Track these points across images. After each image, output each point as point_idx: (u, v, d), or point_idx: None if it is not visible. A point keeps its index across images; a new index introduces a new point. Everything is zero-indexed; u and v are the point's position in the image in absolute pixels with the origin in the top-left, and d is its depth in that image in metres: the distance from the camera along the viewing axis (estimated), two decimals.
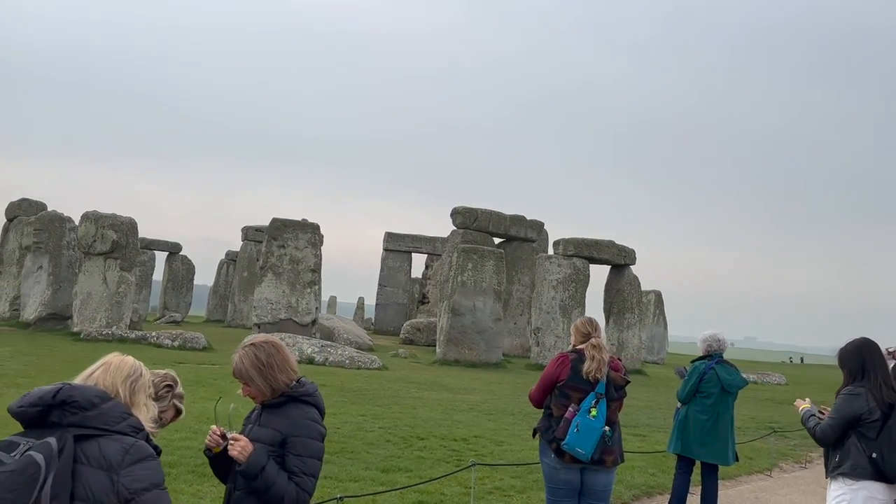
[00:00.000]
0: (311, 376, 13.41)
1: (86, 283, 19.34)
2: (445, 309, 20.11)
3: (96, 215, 19.47)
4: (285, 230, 22.01)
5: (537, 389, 4.10)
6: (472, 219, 25.91)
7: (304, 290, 21.81)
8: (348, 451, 7.01)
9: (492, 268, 20.29)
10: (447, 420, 9.55)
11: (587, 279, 21.88)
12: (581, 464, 3.90)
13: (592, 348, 4.01)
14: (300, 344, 17.14)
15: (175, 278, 34.77)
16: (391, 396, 11.58)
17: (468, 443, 7.99)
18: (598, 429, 3.83)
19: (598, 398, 3.89)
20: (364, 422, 8.83)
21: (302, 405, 2.43)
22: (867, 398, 3.81)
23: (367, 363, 16.48)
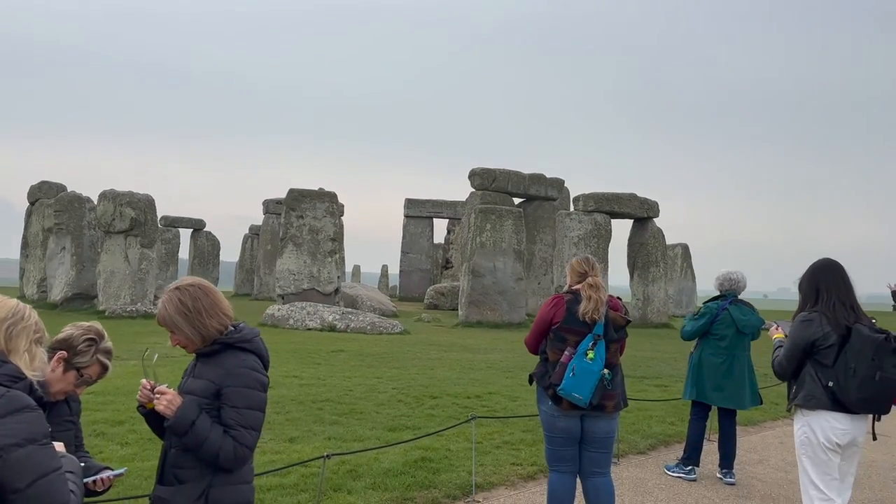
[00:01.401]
0: (331, 343, 13.56)
1: (108, 261, 19.48)
2: (466, 271, 19.91)
3: (113, 194, 19.52)
4: (303, 200, 21.90)
5: (532, 334, 3.84)
6: (491, 179, 25.52)
7: (326, 260, 21.75)
8: (357, 413, 6.88)
9: (511, 227, 19.98)
10: (463, 379, 9.41)
11: (609, 234, 21.46)
12: (580, 410, 3.65)
13: (589, 287, 3.72)
14: (321, 312, 17.12)
15: (201, 254, 35.06)
16: (409, 359, 11.51)
17: (481, 399, 7.83)
18: (595, 372, 3.56)
19: (595, 340, 3.61)
20: (378, 384, 8.73)
21: (238, 352, 2.19)
22: (821, 323, 3.46)
23: (388, 328, 16.42)
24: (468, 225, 20.84)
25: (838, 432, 3.43)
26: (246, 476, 2.18)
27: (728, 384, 5.44)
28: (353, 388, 8.25)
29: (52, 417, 2.30)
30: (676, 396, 8.00)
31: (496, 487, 4.86)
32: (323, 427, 6.20)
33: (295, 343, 13.17)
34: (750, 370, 5.53)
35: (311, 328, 16.49)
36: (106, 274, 19.51)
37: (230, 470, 2.13)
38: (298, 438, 5.74)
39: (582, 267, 3.86)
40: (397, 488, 4.55)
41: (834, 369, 3.39)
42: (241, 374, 2.14)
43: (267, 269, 31.42)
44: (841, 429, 3.42)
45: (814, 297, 3.54)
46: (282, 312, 17.24)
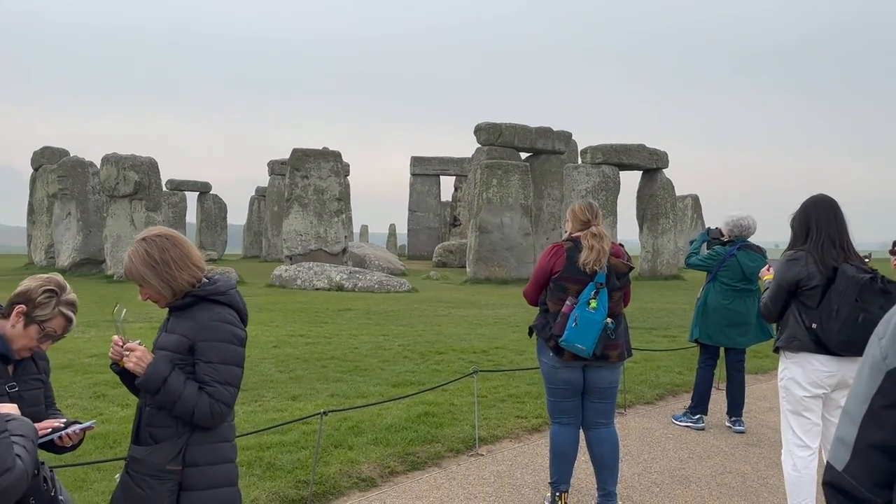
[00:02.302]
0: (339, 302, 13.55)
1: (114, 226, 19.46)
2: (473, 228, 19.78)
3: (116, 157, 19.38)
4: (307, 160, 21.70)
5: (531, 285, 3.70)
6: (497, 134, 25.14)
7: (332, 220, 21.66)
8: (362, 370, 6.85)
9: (517, 182, 19.74)
10: (470, 334, 9.38)
11: (618, 187, 21.19)
12: (583, 361, 3.53)
13: (592, 237, 3.55)
14: (328, 272, 17.09)
15: (208, 218, 35.05)
16: (417, 316, 11.50)
17: (487, 354, 7.78)
18: (598, 321, 3.43)
19: (597, 288, 3.47)
20: (385, 341, 8.71)
21: (212, 305, 2.07)
22: (806, 262, 3.28)
23: (396, 286, 16.39)
24: (474, 181, 20.61)
25: (823, 375, 3.28)
26: (226, 434, 2.08)
27: (734, 324, 5.31)
28: (358, 346, 8.24)
29: (18, 376, 2.21)
30: (685, 346, 7.90)
31: (500, 440, 4.81)
32: (327, 385, 6.16)
33: (302, 303, 13.17)
34: (759, 312, 5.39)
35: (318, 288, 16.48)
36: (112, 238, 19.51)
37: (208, 428, 2.03)
38: (301, 396, 5.70)
39: (585, 214, 3.68)
40: (399, 443, 4.50)
41: (818, 311, 3.24)
42: (215, 328, 2.03)
43: (274, 230, 31.38)
44: (826, 371, 3.27)
45: (804, 236, 3.36)
46: (289, 273, 17.22)
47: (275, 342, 8.44)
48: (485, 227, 19.35)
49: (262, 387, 6.06)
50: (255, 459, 4.10)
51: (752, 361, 7.73)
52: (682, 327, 10.33)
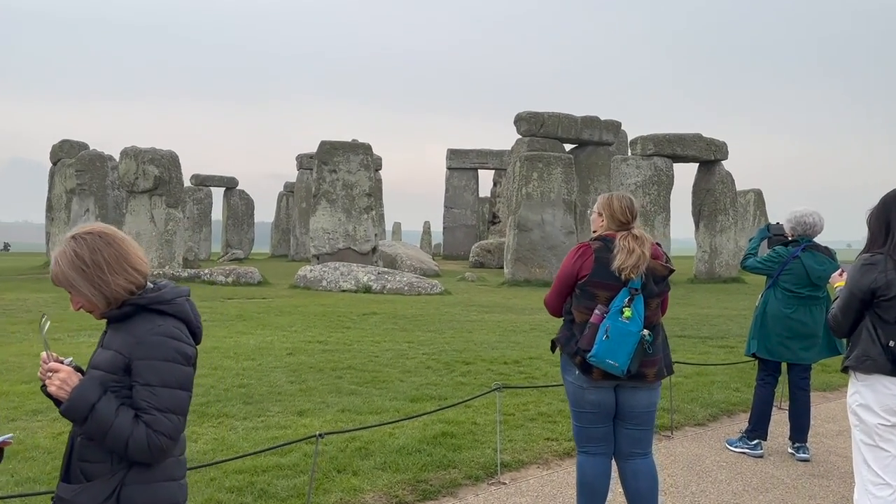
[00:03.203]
0: (364, 305, 13.42)
1: (133, 222, 19.72)
2: (511, 225, 19.49)
3: (135, 151, 19.63)
4: (335, 153, 21.72)
5: (553, 292, 3.42)
6: (539, 124, 24.84)
7: (361, 217, 21.64)
8: (379, 381, 6.65)
9: (560, 176, 19.39)
10: (503, 342, 9.13)
11: (671, 180, 20.67)
12: (615, 380, 3.25)
13: (632, 239, 3.26)
14: (355, 272, 17.00)
15: (234, 215, 35.44)
16: (447, 321, 11.31)
17: (520, 365, 7.51)
18: (633, 333, 3.14)
19: (632, 295, 3.19)
20: (408, 349, 8.53)
21: (153, 316, 1.86)
22: (885, 267, 2.91)
23: (427, 289, 16.23)
24: (513, 175, 20.31)
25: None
26: (171, 472, 1.87)
27: (798, 337, 4.93)
28: (379, 354, 8.07)
29: None
30: (744, 359, 7.50)
31: (526, 466, 4.53)
32: (339, 398, 5.98)
33: (325, 306, 13.09)
34: (825, 323, 5.00)
35: (344, 290, 16.41)
36: (132, 236, 19.69)
37: (149, 464, 1.82)
38: (309, 411, 5.52)
39: (626, 215, 3.39)
40: (411, 468, 4.26)
41: None
42: (155, 344, 1.81)
43: (303, 228, 31.55)
44: None
45: (883, 236, 3.00)
46: (314, 273, 17.19)
47: (290, 349, 8.32)
48: (524, 224, 19.05)
49: (269, 399, 5.90)
50: (246, 485, 3.91)
51: (820, 376, 7.28)
52: (741, 337, 9.89)
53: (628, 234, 3.32)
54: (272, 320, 11.04)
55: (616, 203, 3.44)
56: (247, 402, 5.79)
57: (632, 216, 3.42)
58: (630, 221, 3.41)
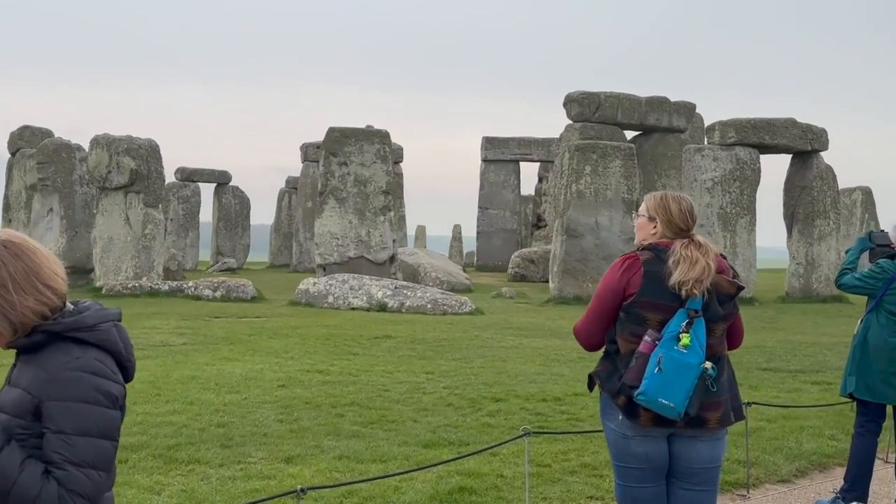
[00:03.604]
0: (377, 327, 13.45)
1: (105, 225, 20.01)
2: (559, 230, 19.41)
3: (108, 140, 19.93)
4: (346, 142, 21.86)
5: (589, 316, 3.34)
6: (594, 107, 24.76)
7: (377, 219, 21.75)
8: (388, 422, 6.64)
9: (619, 170, 19.27)
10: (543, 374, 9.09)
11: (757, 175, 20.40)
12: (668, 427, 3.15)
13: (696, 247, 3.19)
14: (368, 287, 17.05)
15: (227, 216, 35.83)
16: (476, 347, 11.33)
17: (561, 403, 7.44)
18: (693, 365, 3.05)
19: (691, 318, 3.10)
20: (426, 381, 8.53)
21: (71, 346, 1.82)
22: None
23: (454, 307, 16.20)
24: (561, 168, 20.22)
25: None
26: None
27: None
28: (390, 388, 8.08)
29: None
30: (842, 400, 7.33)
31: None
32: (337, 441, 5.97)
33: (329, 327, 13.14)
34: None
35: (355, 307, 16.47)
36: (103, 241, 20.06)
37: None
38: (299, 458, 5.51)
39: (686, 221, 3.31)
40: None
41: None
42: (70, 381, 1.77)
43: (307, 232, 31.73)
44: None
45: None
46: (318, 288, 17.26)
47: (283, 380, 8.35)
48: (574, 229, 18.94)
49: (252, 442, 5.90)
50: None
51: None
52: (840, 370, 9.67)
53: (689, 241, 3.24)
54: (264, 344, 11.11)
55: (673, 205, 3.35)
56: (225, 444, 5.79)
57: (692, 221, 3.35)
58: (690, 228, 3.33)
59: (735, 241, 19.75)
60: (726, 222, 19.77)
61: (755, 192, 20.44)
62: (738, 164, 20.04)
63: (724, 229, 19.71)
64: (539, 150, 33.06)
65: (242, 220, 36.34)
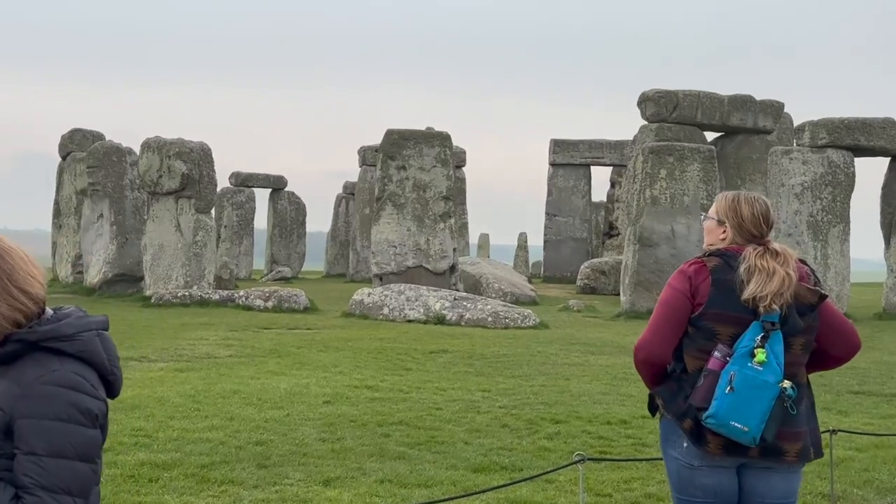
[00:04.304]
0: (433, 341, 13.38)
1: (155, 232, 20.38)
2: (631, 238, 19.11)
3: (159, 143, 20.31)
4: (404, 145, 21.90)
5: (651, 329, 3.17)
6: (671, 106, 24.35)
7: (437, 226, 21.72)
8: (437, 443, 6.54)
9: (697, 173, 18.90)
10: (609, 395, 8.89)
11: (851, 181, 19.76)
12: (739, 456, 2.97)
13: (772, 256, 3.01)
14: (425, 298, 17.00)
15: (282, 223, 36.26)
16: (538, 364, 11.21)
17: (628, 427, 7.24)
18: (769, 385, 2.87)
19: (766, 331, 2.92)
20: (482, 400, 8.42)
21: (48, 358, 1.74)
22: None
23: (517, 320, 16.05)
24: (634, 172, 19.90)
25: None
26: None
27: None
28: (442, 406, 8.00)
29: None
30: None
31: None
32: (381, 463, 5.88)
33: (382, 340, 13.12)
34: None
35: (411, 320, 16.43)
36: (153, 248, 20.45)
37: None
38: (338, 480, 5.43)
39: (759, 224, 3.14)
40: None
41: None
42: (44, 396, 1.69)
43: (365, 239, 31.91)
44: None
45: None
46: (373, 298, 17.27)
47: (329, 396, 8.33)
48: (648, 238, 18.62)
49: (291, 462, 5.85)
50: None
51: None
52: None
53: (764, 249, 3.06)
54: (313, 357, 11.13)
55: (746, 207, 3.18)
56: (262, 464, 5.76)
57: (767, 226, 3.17)
58: (765, 234, 3.15)
59: (826, 251, 19.15)
60: (817, 231, 19.17)
61: (849, 199, 19.80)
62: (830, 168, 19.45)
63: (814, 239, 19.12)
64: (612, 154, 32.67)
65: (298, 227, 36.73)
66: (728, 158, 24.42)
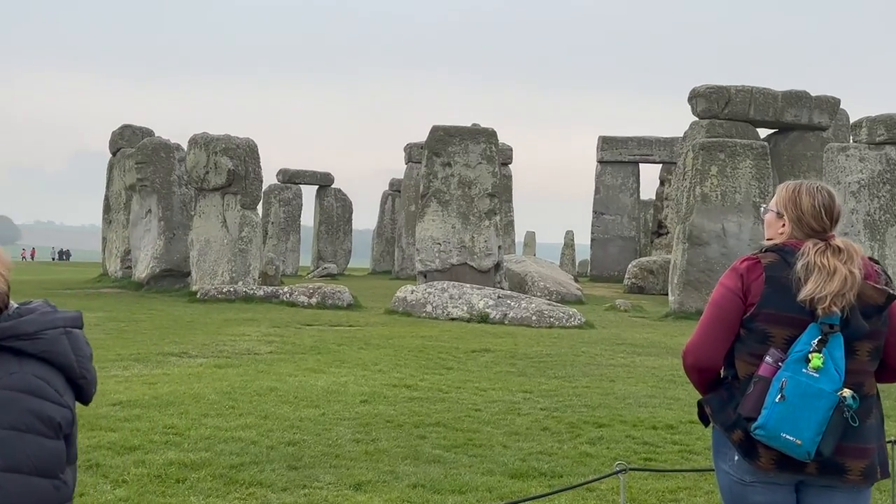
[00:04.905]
0: (476, 339, 13.15)
1: (202, 227, 20.44)
2: (680, 237, 18.69)
3: (206, 139, 20.37)
4: (450, 141, 21.74)
5: (704, 327, 2.91)
6: (723, 102, 23.88)
7: (482, 223, 21.53)
8: (474, 445, 6.30)
9: (750, 170, 18.42)
10: (655, 397, 8.58)
11: None
12: (797, 472, 2.70)
13: (833, 253, 2.74)
14: (468, 296, 16.78)
15: (328, 219, 36.32)
16: (582, 365, 10.93)
17: (675, 432, 6.92)
18: (826, 393, 2.59)
19: (825, 333, 2.64)
20: (523, 401, 8.17)
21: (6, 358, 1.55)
22: None
23: (562, 319, 15.76)
24: (683, 169, 19.45)
25: None
26: None
27: None
28: (482, 407, 7.76)
29: None
30: None
31: None
32: (415, 467, 5.65)
33: (424, 338, 12.93)
34: None
35: (454, 318, 16.23)
36: (200, 244, 20.51)
37: None
38: (369, 484, 5.22)
39: (819, 217, 2.85)
40: None
41: None
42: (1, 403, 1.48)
43: (410, 237, 31.82)
44: None
45: None
46: (416, 296, 17.09)
47: (367, 394, 8.13)
48: (697, 236, 18.18)
49: (322, 464, 5.65)
50: None
51: None
52: None
53: (825, 245, 2.77)
54: (353, 355, 10.97)
55: (806, 199, 2.89)
56: (293, 465, 5.57)
57: (830, 219, 2.87)
58: (828, 229, 2.86)
59: (884, 251, 18.57)
60: (874, 230, 18.59)
61: None
62: (888, 166, 18.85)
63: (871, 238, 18.54)
64: (661, 151, 32.18)
65: (344, 223, 36.76)
66: (781, 156, 23.84)
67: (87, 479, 5.07)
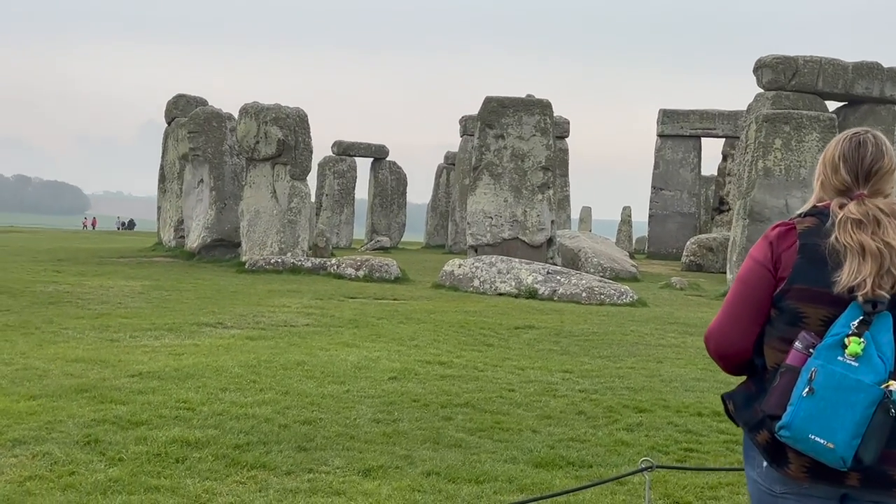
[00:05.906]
0: (521, 315, 12.71)
1: (252, 198, 20.31)
2: (740, 213, 17.99)
3: (256, 108, 20.19)
4: (503, 113, 21.30)
5: (722, 316, 2.45)
6: (790, 73, 22.90)
7: (534, 197, 21.10)
8: (501, 429, 5.87)
9: (816, 143, 17.63)
10: (704, 381, 8.05)
11: None
12: (837, 483, 2.24)
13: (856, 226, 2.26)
14: (517, 271, 16.34)
15: (382, 192, 36.07)
16: (629, 344, 10.44)
17: (721, 419, 6.39)
18: (865, 386, 2.12)
19: (868, 314, 2.19)
20: (561, 381, 7.72)
21: None
22: None
23: (613, 296, 15.23)
24: (745, 142, 18.65)
25: None
26: None
27: None
28: (516, 388, 7.33)
29: None
30: None
31: None
32: (433, 451, 5.25)
33: (468, 313, 12.54)
34: None
35: (502, 293, 15.82)
36: (250, 214, 20.39)
37: None
38: (380, 470, 4.82)
39: (837, 173, 2.42)
40: None
41: None
42: None
43: (463, 210, 31.37)
44: None
45: None
46: (463, 270, 16.70)
47: (397, 371, 7.76)
48: (758, 212, 17.47)
49: (335, 446, 5.28)
50: None
51: None
52: None
53: (851, 217, 2.30)
54: (391, 329, 10.63)
55: (832, 146, 2.48)
56: (302, 447, 5.21)
57: (854, 174, 2.38)
58: (851, 185, 2.38)
59: None
60: None
61: None
62: None
63: None
64: (724, 125, 31.17)
65: (398, 197, 36.48)
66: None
67: (82, 457, 4.78)
